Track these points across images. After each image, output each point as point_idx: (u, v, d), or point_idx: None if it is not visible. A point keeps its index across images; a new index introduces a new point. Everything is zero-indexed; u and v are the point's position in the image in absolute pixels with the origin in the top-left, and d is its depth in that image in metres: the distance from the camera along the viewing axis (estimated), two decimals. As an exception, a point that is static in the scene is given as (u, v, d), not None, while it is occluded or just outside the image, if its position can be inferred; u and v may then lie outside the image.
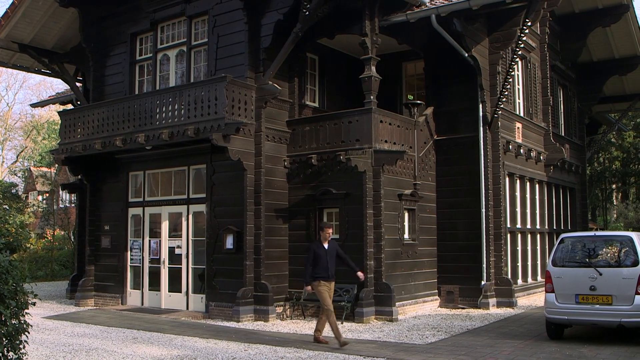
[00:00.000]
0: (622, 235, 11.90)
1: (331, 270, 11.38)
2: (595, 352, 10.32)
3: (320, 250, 11.34)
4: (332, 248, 11.47)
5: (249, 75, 15.31)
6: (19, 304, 5.50)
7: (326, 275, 11.27)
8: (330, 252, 11.39)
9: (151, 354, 10.62)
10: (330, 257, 11.37)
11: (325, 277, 11.26)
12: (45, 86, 66.15)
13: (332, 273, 11.41)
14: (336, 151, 15.14)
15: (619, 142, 35.42)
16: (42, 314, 15.71)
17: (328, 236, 11.52)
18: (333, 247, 11.54)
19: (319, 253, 11.30)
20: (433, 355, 10.21)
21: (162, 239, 17.04)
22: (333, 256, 11.45)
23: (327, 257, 11.28)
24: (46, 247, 32.33)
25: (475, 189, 16.69)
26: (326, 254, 11.32)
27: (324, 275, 11.26)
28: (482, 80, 16.63)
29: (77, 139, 17.39)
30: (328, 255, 11.31)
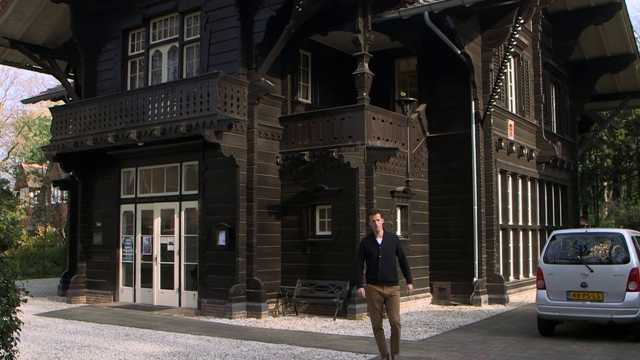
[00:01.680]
0: (613, 232, 11.96)
1: (385, 271, 8.98)
2: (586, 349, 10.36)
3: (372, 246, 9.12)
4: (388, 243, 9.16)
5: (242, 72, 15.29)
6: (10, 301, 5.48)
7: (375, 277, 8.99)
8: (386, 248, 9.09)
9: (143, 350, 10.60)
10: (386, 254, 9.07)
11: (374, 279, 9.00)
12: (36, 82, 65.95)
13: (387, 275, 8.97)
14: (329, 148, 15.14)
15: (611, 139, 35.57)
16: (33, 311, 15.66)
17: (379, 225, 9.13)
18: (390, 242, 9.21)
19: (369, 249, 9.12)
20: (425, 352, 10.23)
21: (154, 235, 17.00)
22: (390, 254, 9.12)
23: (380, 254, 9.04)
24: (38, 244, 32.22)
25: (468, 186, 16.72)
26: (379, 250, 9.08)
27: (372, 276, 9.03)
28: (474, 77, 16.67)
29: (69, 136, 17.33)
30: (381, 252, 9.06)
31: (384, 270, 8.94)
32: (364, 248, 9.19)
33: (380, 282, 8.93)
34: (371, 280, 9.02)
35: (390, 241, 9.18)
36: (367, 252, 9.11)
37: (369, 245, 9.13)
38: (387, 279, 8.92)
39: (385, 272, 8.95)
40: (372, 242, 9.13)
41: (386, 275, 8.93)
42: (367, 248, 9.13)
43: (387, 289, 8.91)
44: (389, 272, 8.97)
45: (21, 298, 5.64)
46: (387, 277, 8.93)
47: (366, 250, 9.13)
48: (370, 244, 9.14)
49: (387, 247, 9.08)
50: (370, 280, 9.03)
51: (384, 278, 8.91)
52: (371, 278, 9.03)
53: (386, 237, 9.16)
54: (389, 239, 9.18)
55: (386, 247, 9.07)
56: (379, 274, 8.94)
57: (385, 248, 9.05)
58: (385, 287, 8.91)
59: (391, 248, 9.10)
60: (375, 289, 8.96)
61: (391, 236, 9.35)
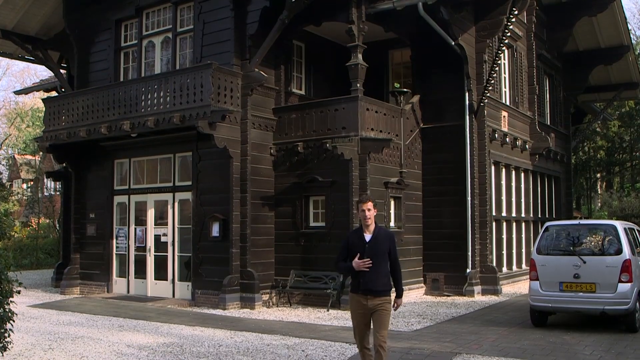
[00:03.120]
0: (606, 224, 12.01)
1: (370, 277, 6.93)
2: (578, 339, 10.42)
3: (356, 243, 7.10)
4: (379, 242, 7.07)
5: (235, 63, 15.25)
6: (3, 292, 5.47)
7: (356, 284, 7.03)
8: (374, 248, 7.02)
9: (137, 341, 10.60)
10: (373, 255, 6.97)
11: (355, 286, 7.05)
12: (29, 73, 65.63)
13: (372, 283, 6.94)
14: (322, 139, 15.12)
15: (604, 131, 35.65)
16: (27, 302, 15.64)
17: (369, 217, 7.06)
18: (382, 241, 7.09)
19: (353, 246, 7.10)
20: (418, 342, 10.27)
21: (148, 226, 16.98)
22: (379, 255, 7.02)
23: (366, 255, 6.96)
24: (31, 235, 32.16)
25: (461, 177, 16.75)
26: (364, 248, 7.01)
27: (354, 283, 7.08)
28: (468, 68, 16.67)
29: (62, 127, 17.26)
30: (367, 252, 6.98)
31: (369, 277, 6.90)
32: (347, 243, 7.19)
33: (363, 292, 6.93)
34: (353, 289, 7.10)
35: (382, 239, 7.06)
36: (350, 249, 7.11)
37: (354, 240, 7.12)
38: (372, 287, 6.90)
39: (371, 279, 6.90)
40: (358, 238, 7.09)
41: (371, 284, 6.90)
42: (351, 244, 7.12)
43: (373, 300, 6.90)
44: (375, 279, 6.91)
45: (15, 289, 5.63)
46: (372, 285, 6.90)
47: (349, 247, 7.13)
48: (355, 239, 7.11)
49: (376, 246, 7.00)
50: (352, 289, 7.12)
51: (368, 287, 6.91)
52: (353, 285, 7.11)
53: (377, 234, 7.05)
54: (380, 237, 7.06)
55: (375, 246, 6.99)
56: (362, 280, 6.92)
57: (373, 247, 6.98)
58: (369, 299, 6.90)
59: (382, 248, 7.01)
60: (358, 301, 7.00)
61: (385, 233, 7.19)
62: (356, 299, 7.04)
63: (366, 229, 7.08)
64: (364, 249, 6.97)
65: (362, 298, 6.97)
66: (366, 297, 6.94)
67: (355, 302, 7.07)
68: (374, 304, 6.93)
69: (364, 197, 7.20)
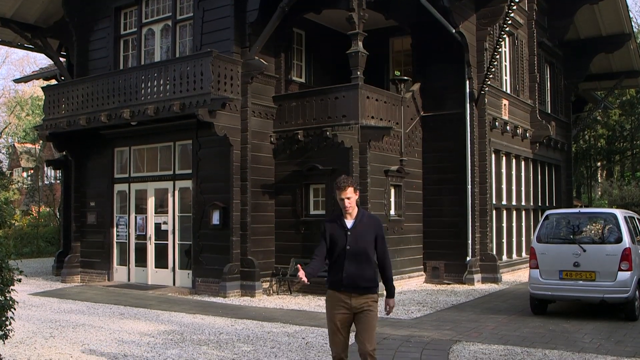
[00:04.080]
0: (606, 212, 12.01)
1: (355, 271, 5.91)
2: (577, 327, 10.45)
3: (336, 232, 6.04)
4: (363, 229, 6.02)
5: (235, 51, 15.20)
6: (4, 280, 5.48)
7: (338, 279, 5.97)
8: (358, 236, 5.97)
9: (138, 329, 10.63)
10: (357, 245, 5.95)
11: (336, 282, 5.98)
12: (28, 61, 65.47)
13: (357, 278, 5.91)
14: (323, 127, 15.10)
15: (605, 120, 35.60)
16: (28, 290, 15.68)
17: (350, 206, 6.02)
18: (367, 227, 6.03)
19: (333, 236, 6.04)
20: (418, 330, 10.30)
21: (148, 215, 16.99)
22: (364, 244, 5.97)
23: (348, 245, 5.94)
24: (32, 223, 32.19)
25: (461, 165, 16.74)
26: (346, 237, 5.97)
27: (335, 278, 6.01)
28: (469, 56, 16.62)
29: (62, 115, 17.24)
30: (350, 241, 5.95)
31: (353, 270, 5.88)
32: (325, 233, 6.06)
33: (346, 289, 5.90)
34: (333, 285, 6.01)
35: (367, 226, 6.01)
36: (331, 240, 6.03)
37: (333, 229, 6.03)
38: (356, 283, 5.88)
39: (355, 273, 5.88)
40: (337, 226, 6.03)
41: (355, 278, 5.88)
42: (330, 234, 6.03)
43: (357, 299, 5.89)
44: (360, 272, 5.89)
45: (15, 277, 5.64)
46: (357, 280, 5.88)
47: (329, 238, 6.04)
48: (334, 227, 6.04)
49: (360, 233, 5.96)
50: (332, 285, 6.02)
51: (353, 282, 5.88)
52: (333, 281, 6.01)
53: (360, 220, 6.02)
54: (365, 222, 6.02)
55: (358, 234, 5.95)
56: (345, 275, 5.88)
57: (356, 235, 5.94)
58: (353, 297, 5.88)
59: (367, 236, 5.97)
60: (339, 300, 5.94)
61: (369, 219, 6.11)
62: (337, 297, 5.93)
63: (348, 215, 6.04)
64: (346, 239, 5.92)
65: (344, 296, 5.89)
66: (350, 295, 5.88)
67: (335, 301, 5.95)
68: (359, 304, 5.87)
69: (342, 183, 5.93)
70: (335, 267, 6.01)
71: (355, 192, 6.05)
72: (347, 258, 5.92)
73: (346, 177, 6.05)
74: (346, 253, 5.92)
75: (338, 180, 6.01)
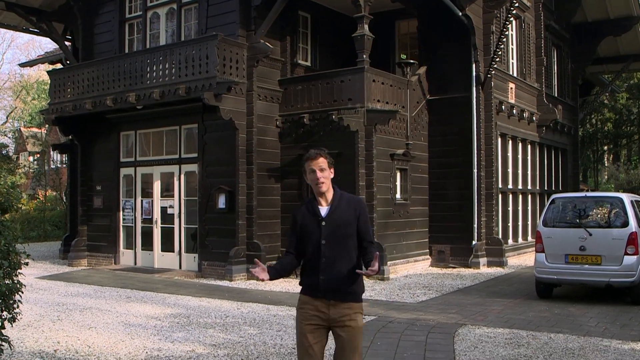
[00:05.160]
0: (613, 196, 11.98)
1: (332, 270, 4.61)
2: (583, 311, 10.45)
3: (308, 220, 4.73)
4: (342, 215, 4.68)
5: (241, 34, 15.14)
6: (11, 264, 5.50)
7: (313, 283, 4.67)
8: (335, 225, 4.66)
9: (145, 312, 10.69)
10: (334, 236, 4.64)
11: (311, 285, 4.71)
12: (33, 45, 65.45)
13: (335, 280, 4.60)
14: (328, 110, 15.06)
15: (612, 103, 35.43)
16: (35, 274, 15.76)
17: (323, 181, 4.67)
18: (346, 213, 4.69)
19: (305, 226, 4.74)
20: (424, 314, 10.32)
21: (154, 199, 17.04)
22: (343, 235, 4.65)
23: (323, 237, 4.64)
24: (38, 207, 32.30)
25: (468, 149, 16.70)
26: (320, 227, 4.66)
27: (308, 280, 4.73)
28: (475, 39, 16.52)
29: (67, 99, 17.24)
30: (325, 231, 4.64)
31: (332, 271, 4.57)
32: (295, 224, 4.79)
33: (324, 295, 4.59)
34: (307, 290, 4.73)
35: (346, 211, 4.66)
36: (301, 232, 4.73)
37: (305, 218, 4.73)
38: (336, 287, 4.58)
39: (334, 274, 4.57)
40: (309, 213, 4.72)
41: (335, 281, 4.57)
42: (301, 224, 4.74)
43: (337, 308, 4.59)
44: (340, 273, 4.57)
45: (23, 261, 5.66)
46: (338, 283, 4.57)
47: (299, 229, 4.74)
48: (306, 216, 4.73)
49: (338, 222, 4.63)
50: (306, 290, 4.74)
51: (332, 286, 4.57)
52: (307, 285, 4.73)
53: (338, 204, 4.67)
54: (343, 207, 4.67)
55: (336, 224, 4.62)
56: (320, 275, 4.59)
57: (334, 225, 4.62)
58: (332, 305, 4.59)
59: (347, 224, 4.63)
60: (313, 308, 4.65)
61: (349, 201, 4.72)
62: (311, 305, 4.64)
63: (321, 197, 4.69)
64: (319, 230, 4.62)
65: (321, 304, 4.60)
66: (328, 302, 4.59)
67: (308, 310, 4.66)
68: (339, 314, 4.57)
69: (312, 152, 4.75)
70: (309, 268, 4.67)
71: (329, 166, 4.70)
72: (323, 255, 4.58)
73: (319, 148, 4.94)
74: (322, 249, 4.58)
75: (309, 151, 4.80)
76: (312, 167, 4.68)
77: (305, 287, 4.78)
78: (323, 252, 4.62)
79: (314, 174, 4.67)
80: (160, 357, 7.61)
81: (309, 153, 4.79)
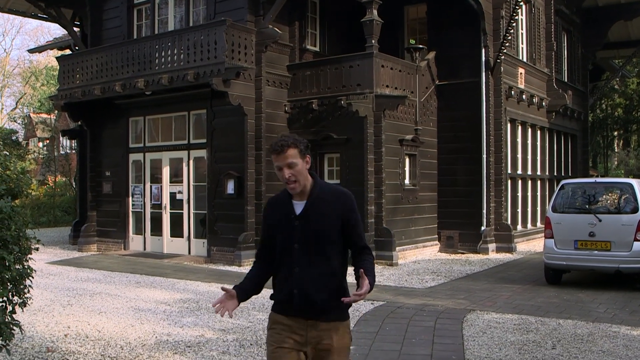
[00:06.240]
0: (623, 182, 11.93)
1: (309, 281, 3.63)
2: (592, 297, 10.44)
3: (280, 219, 3.80)
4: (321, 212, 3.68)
5: (249, 19, 15.09)
6: (22, 249, 5.52)
7: (285, 297, 3.71)
8: (312, 226, 3.67)
9: (154, 297, 10.75)
10: (310, 238, 3.66)
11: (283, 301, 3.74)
12: (42, 31, 65.54)
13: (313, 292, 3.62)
14: (337, 96, 15.03)
15: (622, 89, 35.15)
16: (45, 259, 15.85)
17: (293, 174, 3.67)
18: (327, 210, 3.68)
19: (275, 226, 3.81)
20: (432, 299, 10.33)
21: (163, 184, 17.08)
22: (322, 237, 3.66)
23: (296, 241, 3.68)
24: (48, 193, 32.44)
25: (477, 134, 16.64)
26: (293, 227, 3.70)
27: (280, 295, 3.77)
28: (485, 24, 16.41)
29: (76, 85, 17.26)
30: (299, 233, 3.68)
31: (307, 280, 3.64)
32: (265, 222, 3.92)
33: (299, 312, 3.66)
34: (279, 306, 3.79)
35: (327, 207, 3.69)
36: (269, 233, 3.84)
37: (275, 216, 3.84)
38: (314, 303, 3.63)
39: (310, 285, 3.63)
40: (282, 210, 3.80)
41: (313, 294, 3.62)
42: (269, 224, 3.86)
43: (317, 329, 3.66)
44: (319, 284, 3.63)
45: (33, 246, 5.68)
46: (316, 298, 3.62)
47: (268, 227, 3.86)
48: (277, 213, 3.84)
49: (316, 222, 3.68)
50: (277, 306, 3.80)
51: (308, 301, 3.63)
52: (278, 300, 3.79)
53: (316, 200, 3.71)
54: (323, 202, 3.70)
55: (314, 223, 3.68)
56: (295, 288, 3.65)
57: (310, 225, 3.68)
58: (311, 326, 3.65)
59: (328, 225, 3.67)
60: (289, 328, 3.70)
61: (332, 195, 3.74)
62: (284, 325, 3.71)
63: (293, 192, 3.74)
64: (293, 231, 3.68)
65: (296, 324, 3.67)
66: (305, 321, 3.65)
67: (279, 329, 3.72)
68: (320, 337, 3.65)
69: (277, 144, 3.72)
70: (281, 278, 3.75)
71: (302, 156, 3.69)
72: (296, 263, 3.66)
73: (287, 136, 3.78)
74: (295, 255, 3.67)
75: (273, 143, 3.78)
76: (278, 164, 3.69)
77: (276, 303, 3.80)
78: (297, 259, 3.65)
79: (281, 172, 3.69)
80: (170, 341, 7.66)
81: (272, 144, 3.74)
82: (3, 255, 5.24)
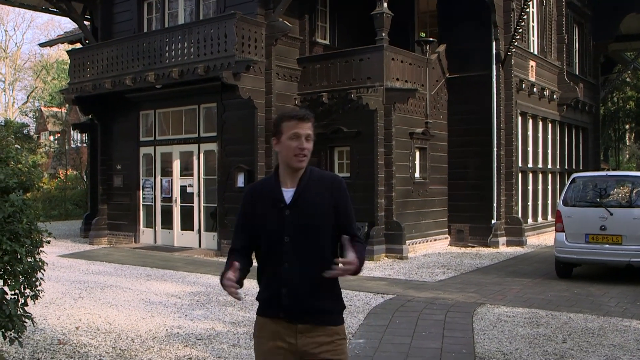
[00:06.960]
0: (634, 175, 11.89)
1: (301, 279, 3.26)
2: (603, 291, 10.40)
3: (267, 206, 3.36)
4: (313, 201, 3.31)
5: (259, 12, 15.08)
6: (33, 242, 5.55)
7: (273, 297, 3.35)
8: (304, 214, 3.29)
9: (165, 290, 10.79)
10: (302, 229, 3.27)
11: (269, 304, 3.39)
12: (53, 25, 65.76)
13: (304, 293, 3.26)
14: (347, 89, 15.01)
15: (634, 81, 34.94)
16: (57, 252, 15.94)
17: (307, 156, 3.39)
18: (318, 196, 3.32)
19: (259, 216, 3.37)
20: (442, 292, 10.32)
21: (173, 177, 17.12)
22: (315, 227, 3.28)
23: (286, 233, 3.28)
24: (59, 186, 32.59)
25: (487, 127, 16.57)
26: (284, 217, 3.29)
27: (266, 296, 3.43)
28: (496, 17, 16.32)
29: (87, 78, 17.32)
30: (289, 223, 3.28)
31: (299, 280, 3.28)
32: (244, 212, 3.48)
33: (289, 315, 3.29)
34: (265, 308, 3.44)
35: (318, 194, 3.35)
36: (252, 223, 3.44)
37: (259, 204, 3.41)
38: (306, 304, 3.29)
39: (301, 283, 3.28)
40: (269, 198, 3.38)
41: (305, 294, 3.29)
42: (252, 213, 3.43)
43: (309, 336, 3.28)
44: (312, 283, 3.27)
45: (44, 239, 5.71)
46: (308, 298, 3.29)
47: (252, 219, 3.44)
48: (263, 200, 3.40)
49: (307, 209, 3.31)
50: (264, 308, 3.45)
51: (299, 302, 3.29)
52: (264, 300, 3.46)
53: (307, 185, 3.37)
54: (313, 189, 3.36)
55: (304, 212, 3.31)
56: (285, 290, 3.30)
57: (301, 213, 3.31)
58: (301, 331, 3.28)
59: (320, 213, 3.32)
60: (277, 333, 3.33)
61: (321, 181, 3.43)
62: (271, 330, 3.34)
63: (289, 177, 3.38)
64: (282, 222, 3.30)
65: (284, 329, 3.29)
66: (295, 326, 3.28)
67: (268, 336, 3.35)
68: (313, 345, 3.27)
69: (302, 112, 3.48)
70: (267, 276, 3.42)
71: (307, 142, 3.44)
72: (285, 258, 3.30)
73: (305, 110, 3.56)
74: (284, 248, 3.30)
75: (294, 110, 3.54)
76: (298, 132, 3.35)
77: (262, 304, 3.41)
78: (286, 254, 3.27)
79: (299, 140, 3.34)
80: (180, 334, 7.69)
81: (295, 111, 3.43)
82: (15, 248, 5.27)
